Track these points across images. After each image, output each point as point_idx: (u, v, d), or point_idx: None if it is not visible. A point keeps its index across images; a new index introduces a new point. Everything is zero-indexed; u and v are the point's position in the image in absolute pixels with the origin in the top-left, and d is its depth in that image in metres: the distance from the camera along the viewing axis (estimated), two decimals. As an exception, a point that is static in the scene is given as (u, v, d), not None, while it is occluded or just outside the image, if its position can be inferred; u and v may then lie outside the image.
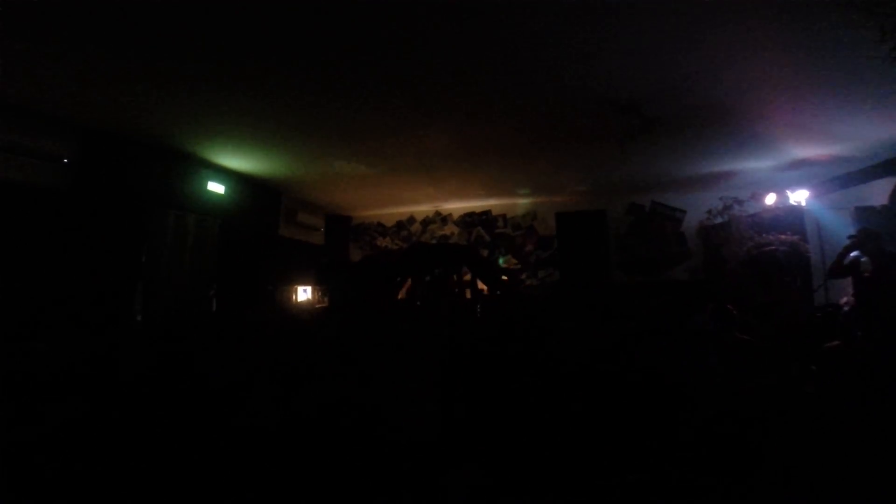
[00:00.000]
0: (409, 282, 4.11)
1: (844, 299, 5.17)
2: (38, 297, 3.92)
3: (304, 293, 8.53)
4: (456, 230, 9.20)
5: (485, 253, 8.89)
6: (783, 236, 6.66)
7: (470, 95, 3.96)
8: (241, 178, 6.34)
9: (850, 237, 4.31)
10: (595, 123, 4.56)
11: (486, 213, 9.02)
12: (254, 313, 5.21)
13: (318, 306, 8.02)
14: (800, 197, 6.59)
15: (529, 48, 3.17)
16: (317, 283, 7.76)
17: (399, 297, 3.96)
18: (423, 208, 9.20)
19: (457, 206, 9.04)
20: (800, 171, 6.21)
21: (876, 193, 5.84)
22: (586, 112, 4.30)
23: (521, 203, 8.71)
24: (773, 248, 6.66)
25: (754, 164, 6.09)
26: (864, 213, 5.64)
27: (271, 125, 4.58)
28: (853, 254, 4.29)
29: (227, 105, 4.05)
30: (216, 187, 5.92)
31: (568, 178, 7.08)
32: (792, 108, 4.25)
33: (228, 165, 5.90)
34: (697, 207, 7.88)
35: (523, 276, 8.57)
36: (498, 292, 4.58)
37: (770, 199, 6.92)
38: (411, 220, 9.44)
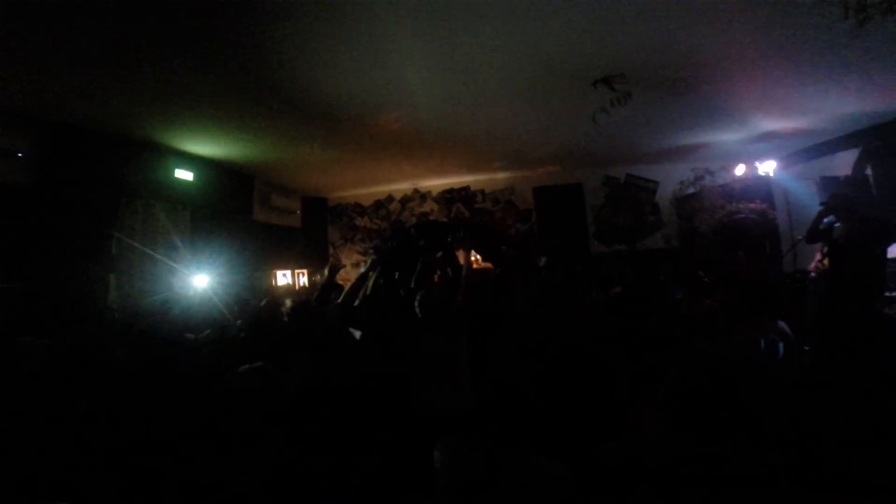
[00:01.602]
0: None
1: (812, 265, 5.39)
2: (6, 296, 3.82)
3: (283, 277, 8.48)
4: (436, 207, 9.17)
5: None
6: (752, 205, 6.85)
7: (443, 71, 3.91)
8: (210, 164, 6.17)
9: (822, 203, 4.40)
10: (570, 97, 4.55)
11: (465, 189, 9.00)
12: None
13: (303, 290, 7.99)
14: (768, 168, 6.74)
15: (502, 22, 3.14)
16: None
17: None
18: (401, 186, 9.12)
19: (436, 182, 8.98)
20: (768, 143, 6.34)
21: (839, 164, 6.02)
22: (560, 85, 4.30)
23: (499, 178, 8.71)
24: (743, 216, 6.86)
25: (725, 137, 6.19)
26: (829, 183, 5.81)
27: (237, 108, 4.45)
28: (827, 219, 4.38)
29: (188, 89, 3.91)
30: (184, 174, 5.76)
31: (544, 152, 7.08)
32: (762, 81, 4.31)
33: (196, 152, 5.74)
34: (670, 178, 8.01)
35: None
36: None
37: (739, 169, 7.07)
38: (390, 198, 9.36)
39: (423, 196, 9.20)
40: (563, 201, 8.40)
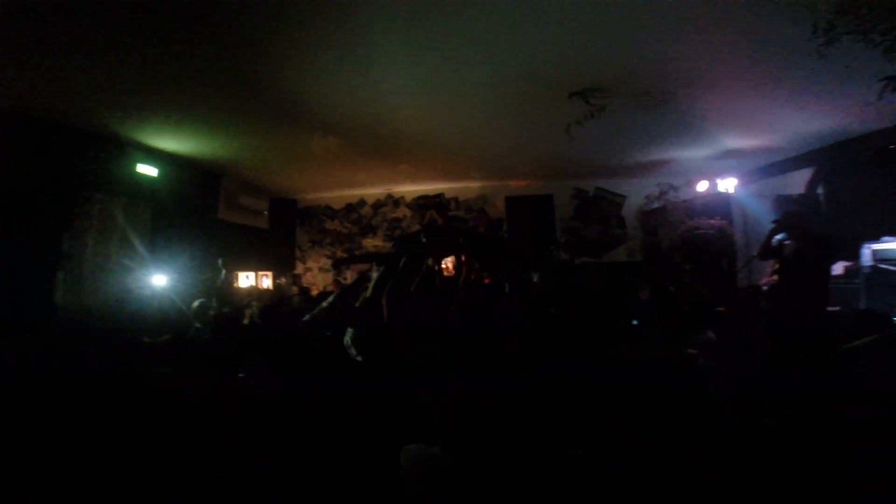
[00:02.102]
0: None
1: (764, 280, 5.64)
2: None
3: (246, 279, 8.23)
4: (409, 213, 9.13)
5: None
6: (712, 221, 7.13)
7: (424, 78, 3.91)
8: (176, 160, 5.94)
9: (774, 221, 4.60)
10: (545, 108, 4.63)
11: (439, 196, 9.01)
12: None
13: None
14: (728, 185, 7.05)
15: (485, 32, 3.17)
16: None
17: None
18: (374, 191, 9.04)
19: (410, 188, 8.95)
20: (729, 161, 6.64)
21: (794, 183, 6.35)
22: (538, 97, 4.37)
23: (473, 186, 8.76)
24: (703, 231, 7.13)
25: (690, 153, 6.43)
26: (783, 201, 6.13)
27: (207, 103, 4.31)
28: (778, 236, 4.59)
29: (155, 80, 3.75)
30: (148, 170, 5.52)
31: (519, 163, 7.18)
32: (729, 98, 4.50)
33: (161, 146, 5.51)
34: (637, 193, 8.27)
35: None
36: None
37: (702, 186, 7.36)
38: (362, 202, 9.26)
39: (396, 201, 9.15)
40: (533, 212, 8.54)
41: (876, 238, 5.41)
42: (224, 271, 5.90)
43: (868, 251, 5.44)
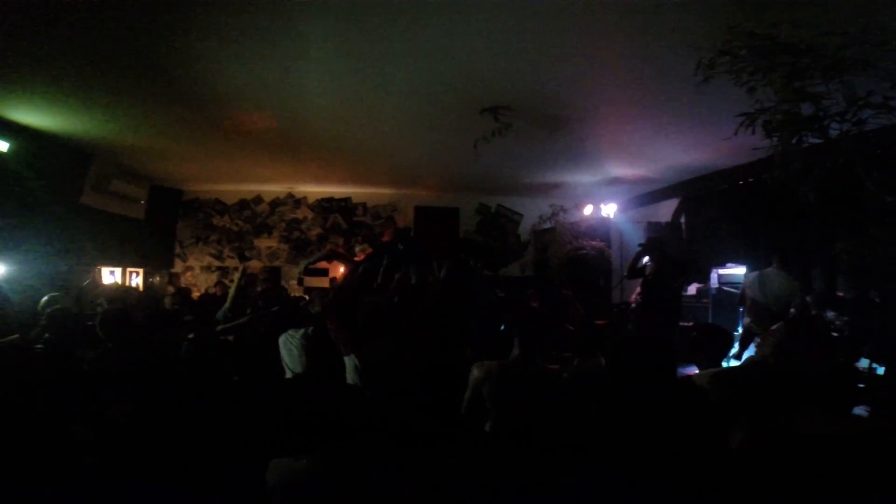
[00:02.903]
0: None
1: (633, 297, 6.39)
2: None
3: (110, 275, 7.21)
4: (311, 215, 8.76)
5: (340, 241, 8.66)
6: (594, 242, 7.94)
7: (341, 79, 3.82)
8: (36, 136, 5.05)
9: (640, 245, 5.26)
10: (457, 122, 4.77)
11: (345, 200, 8.78)
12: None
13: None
14: (609, 210, 7.91)
15: (402, 45, 3.22)
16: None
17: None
18: (273, 188, 8.53)
19: (315, 189, 8.62)
20: (613, 188, 7.47)
21: (664, 211, 7.34)
22: (450, 109, 4.49)
23: (383, 192, 8.70)
24: (586, 252, 7.90)
25: (580, 178, 7.11)
26: (653, 227, 7.05)
27: (83, 74, 3.74)
28: (644, 259, 5.24)
29: (17, 44, 3.18)
30: (-4, 143, 4.64)
31: (428, 173, 7.32)
32: (616, 130, 5.06)
33: (17, 119, 4.67)
34: (532, 212, 8.89)
35: None
36: None
37: (588, 209, 8.16)
38: (258, 199, 8.68)
39: (297, 201, 8.73)
40: (440, 222, 8.75)
41: (722, 264, 6.47)
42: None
43: (715, 275, 6.48)
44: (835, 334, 4.08)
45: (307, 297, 5.64)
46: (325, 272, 8.61)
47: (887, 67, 1.77)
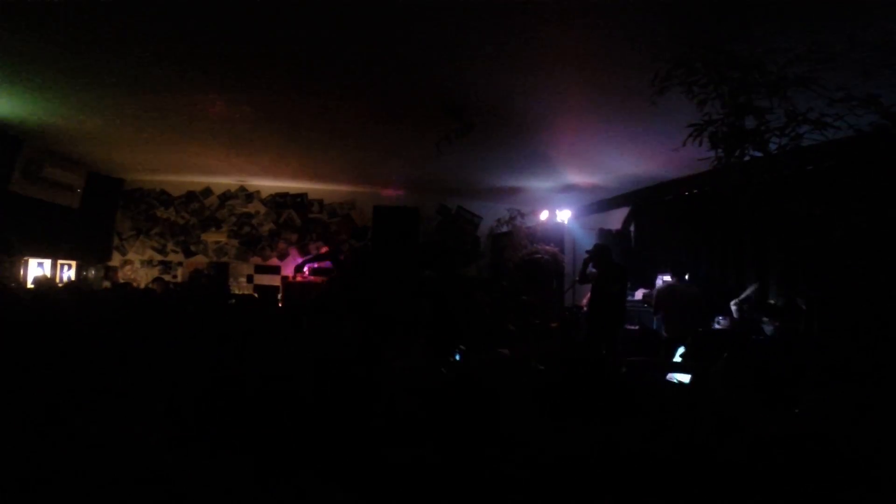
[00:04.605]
0: None
1: (584, 300, 6.59)
2: None
3: (38, 267, 6.66)
4: (263, 209, 8.44)
5: (293, 237, 8.41)
6: (548, 247, 8.13)
7: (276, 67, 3.69)
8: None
9: (587, 251, 5.44)
10: (418, 120, 4.76)
11: (301, 196, 8.52)
12: None
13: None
14: (564, 216, 8.13)
15: (366, 41, 3.18)
16: None
17: None
18: (223, 180, 8.16)
19: (268, 183, 8.32)
20: (568, 195, 7.69)
21: (615, 219, 7.62)
22: (411, 108, 4.48)
23: (341, 189, 8.52)
24: (540, 256, 8.07)
25: (538, 184, 7.27)
26: (603, 234, 7.31)
27: (9, 53, 3.44)
28: (591, 265, 5.42)
29: None
30: None
31: (388, 172, 7.24)
32: (572, 138, 5.21)
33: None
34: (490, 215, 9.00)
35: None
36: None
37: (543, 215, 8.34)
38: (207, 191, 8.27)
39: (249, 195, 8.40)
40: (400, 222, 8.67)
41: (667, 271, 6.79)
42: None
43: (660, 281, 6.80)
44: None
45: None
46: (276, 270, 8.37)
47: (827, 85, 1.91)
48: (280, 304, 7.29)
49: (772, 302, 5.00)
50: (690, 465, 1.26)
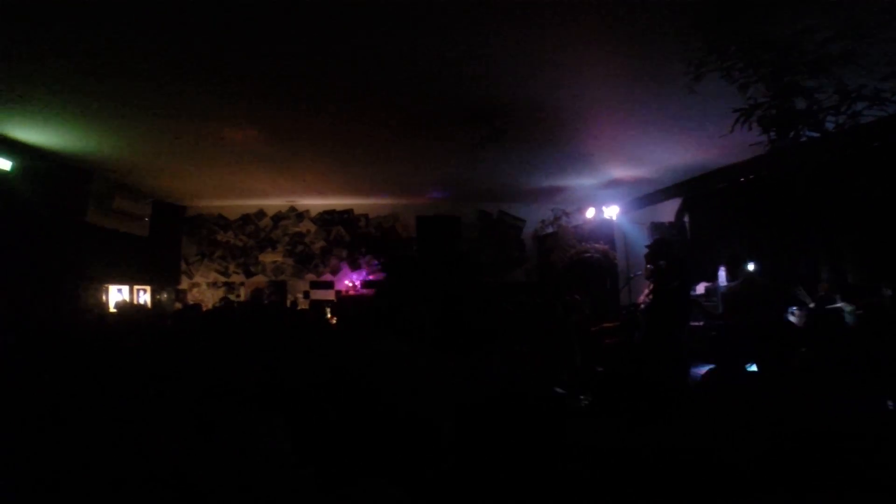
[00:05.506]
0: None
1: (641, 298, 6.33)
2: None
3: (118, 293, 7.26)
4: (313, 228, 8.78)
5: (343, 253, 8.68)
6: (597, 245, 7.90)
7: (315, 93, 3.90)
8: (37, 154, 5.13)
9: (647, 246, 5.21)
10: (450, 129, 4.80)
11: (347, 213, 8.80)
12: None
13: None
14: (611, 212, 7.88)
15: (394, 52, 3.25)
16: None
17: None
18: (275, 202, 8.57)
19: (315, 202, 8.64)
20: (613, 190, 7.44)
21: (666, 211, 7.30)
22: (443, 117, 4.52)
23: (384, 203, 8.71)
24: (590, 255, 7.86)
25: (581, 181, 7.10)
26: (657, 228, 7.02)
27: (80, 92, 3.81)
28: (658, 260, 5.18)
29: (12, 60, 3.23)
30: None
31: (427, 182, 7.33)
32: (612, 133, 5.07)
33: (17, 137, 4.75)
34: (534, 217, 8.88)
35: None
36: None
37: (590, 212, 8.12)
38: (261, 213, 8.72)
39: (299, 215, 8.76)
40: (442, 231, 8.74)
41: (727, 262, 6.40)
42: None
43: (723, 273, 6.42)
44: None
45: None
46: (330, 285, 8.66)
47: (871, 60, 1.76)
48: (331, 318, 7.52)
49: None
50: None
